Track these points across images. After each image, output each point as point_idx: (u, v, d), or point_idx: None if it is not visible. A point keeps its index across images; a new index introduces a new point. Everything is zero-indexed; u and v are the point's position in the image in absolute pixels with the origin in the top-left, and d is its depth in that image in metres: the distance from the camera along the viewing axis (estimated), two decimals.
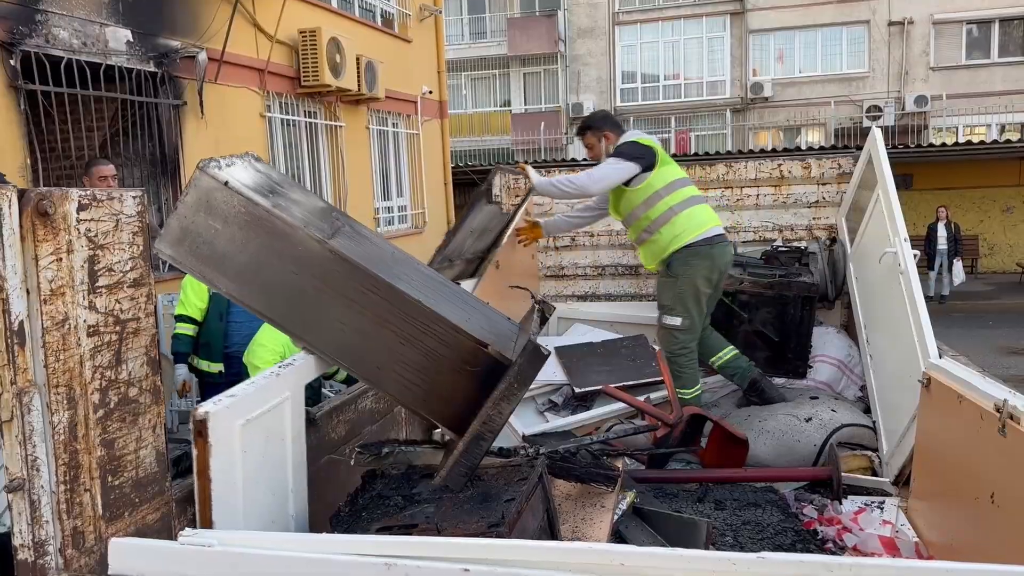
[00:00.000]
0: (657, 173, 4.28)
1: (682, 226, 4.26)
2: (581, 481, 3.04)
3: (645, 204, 4.28)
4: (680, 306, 4.23)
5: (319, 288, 2.45)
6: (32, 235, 1.61)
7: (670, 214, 4.27)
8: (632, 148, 4.27)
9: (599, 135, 4.45)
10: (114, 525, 1.80)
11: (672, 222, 4.26)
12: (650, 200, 4.27)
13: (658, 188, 4.26)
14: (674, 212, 4.26)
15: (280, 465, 2.41)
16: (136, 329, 1.90)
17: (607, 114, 4.84)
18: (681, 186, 4.36)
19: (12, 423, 1.60)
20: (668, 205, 4.27)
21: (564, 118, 27.24)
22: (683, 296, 4.24)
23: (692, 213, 4.30)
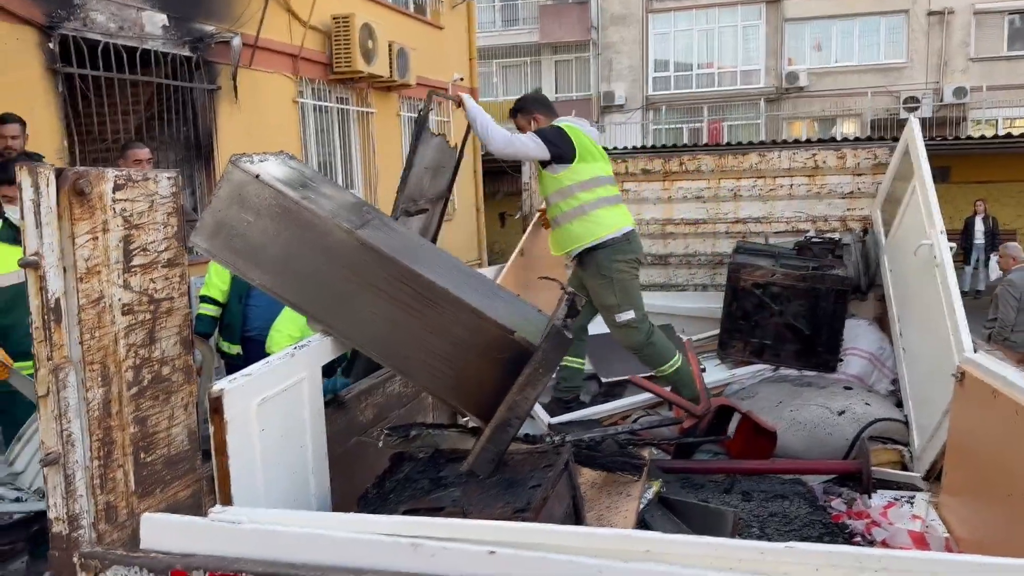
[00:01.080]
0: (575, 168, 4.19)
1: (594, 223, 4.21)
2: (607, 469, 3.04)
3: (559, 193, 4.23)
4: (626, 300, 4.20)
5: (348, 278, 2.47)
6: (69, 214, 1.63)
7: (582, 211, 4.21)
8: (554, 134, 4.20)
9: (529, 117, 4.38)
10: (146, 501, 1.83)
11: (584, 218, 4.22)
12: (564, 191, 4.22)
13: (572, 183, 4.20)
14: (585, 210, 4.21)
15: (299, 445, 2.43)
16: (170, 309, 1.92)
17: (540, 96, 4.72)
18: (599, 184, 4.28)
19: (48, 398, 1.63)
20: (581, 201, 4.21)
21: (595, 106, 27.07)
22: (624, 290, 4.21)
23: (604, 213, 4.24)
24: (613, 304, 4.18)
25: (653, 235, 5.50)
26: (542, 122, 4.33)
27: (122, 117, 7.36)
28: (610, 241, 4.17)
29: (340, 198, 2.76)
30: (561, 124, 4.28)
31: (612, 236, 4.18)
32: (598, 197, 4.22)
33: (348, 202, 2.77)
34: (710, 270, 5.40)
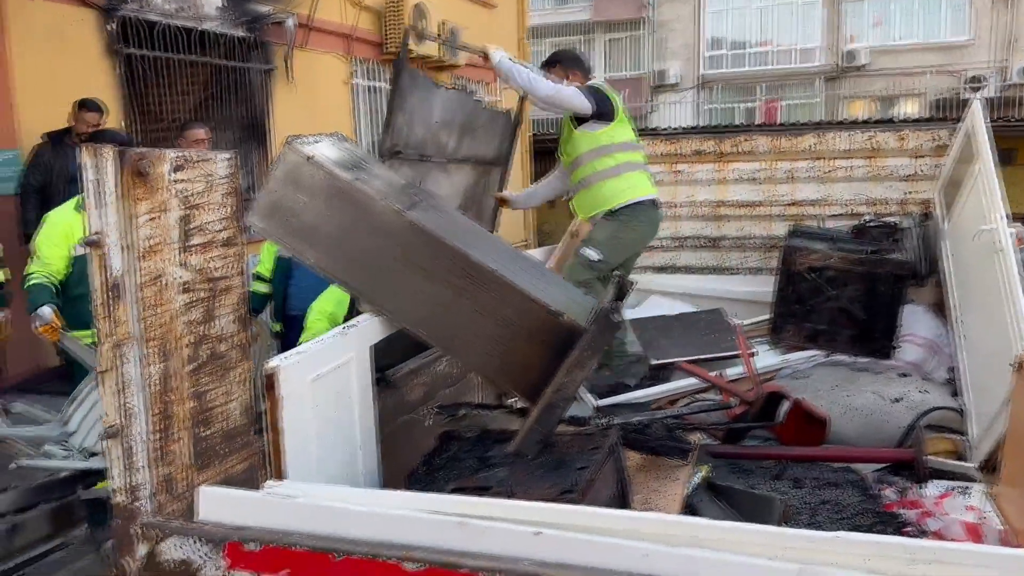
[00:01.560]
0: (613, 129, 4.17)
1: (625, 185, 4.18)
2: (654, 453, 3.04)
3: (595, 152, 4.17)
4: (604, 245, 4.13)
5: (398, 259, 2.50)
6: (130, 194, 1.68)
7: (616, 171, 4.17)
8: (596, 91, 4.16)
9: (566, 72, 4.31)
10: (203, 474, 1.89)
11: (617, 178, 4.18)
12: (600, 150, 4.16)
13: (609, 143, 4.17)
14: (620, 171, 4.17)
15: (349, 421, 2.48)
16: (227, 287, 1.97)
17: (577, 54, 4.65)
18: (631, 149, 4.26)
19: (110, 373, 1.68)
20: (617, 161, 4.18)
21: (648, 85, 26.73)
22: (612, 238, 4.15)
23: (636, 177, 4.22)
24: (595, 239, 4.15)
25: (705, 217, 5.43)
26: (577, 78, 4.29)
27: (180, 97, 7.52)
28: (638, 202, 4.16)
29: (390, 179, 2.78)
30: (597, 85, 4.25)
31: (641, 199, 4.17)
32: (632, 160, 4.21)
33: (398, 183, 2.80)
34: (763, 253, 5.32)
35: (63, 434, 3.40)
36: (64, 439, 3.41)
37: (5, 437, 3.25)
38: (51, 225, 3.69)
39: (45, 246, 3.67)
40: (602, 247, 4.09)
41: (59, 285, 3.67)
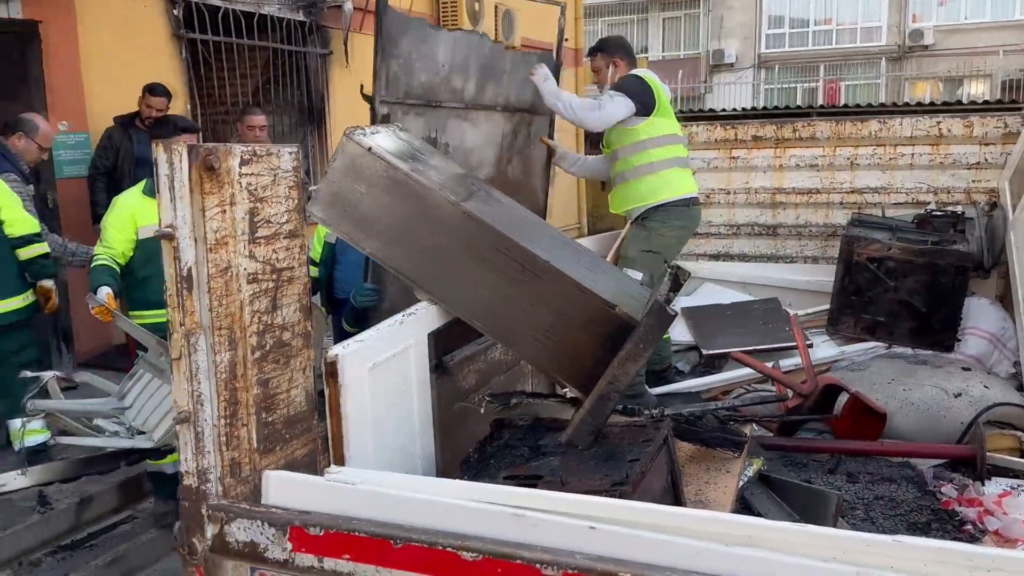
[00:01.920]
0: (652, 122, 4.06)
1: (661, 183, 4.09)
2: (707, 445, 3.03)
3: (633, 147, 4.09)
4: (645, 262, 4.05)
5: (453, 249, 2.53)
6: (200, 188, 1.74)
7: (651, 168, 4.08)
8: (635, 84, 4.05)
9: (609, 60, 4.22)
10: (267, 458, 1.95)
11: (652, 176, 4.09)
12: (637, 145, 4.08)
13: (647, 137, 4.07)
14: (655, 168, 4.08)
15: (407, 409, 2.53)
16: (291, 277, 2.02)
17: (623, 41, 4.54)
18: (672, 143, 4.15)
19: (181, 361, 1.75)
20: (652, 158, 4.08)
21: (704, 65, 26.29)
22: (652, 253, 4.07)
23: (674, 174, 4.12)
24: (630, 256, 4.09)
25: (762, 204, 5.35)
26: (621, 68, 4.22)
27: (240, 81, 7.66)
28: (672, 203, 4.08)
29: (447, 169, 2.81)
30: (640, 74, 4.17)
31: (675, 199, 4.09)
32: (671, 156, 4.13)
33: (455, 173, 2.82)
34: (822, 242, 5.22)
35: (117, 409, 3.51)
36: (118, 413, 3.52)
37: (56, 411, 3.37)
38: (117, 208, 3.79)
39: (110, 229, 3.77)
40: (641, 263, 4.04)
41: (123, 267, 3.76)
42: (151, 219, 3.69)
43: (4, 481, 3.22)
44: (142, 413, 3.44)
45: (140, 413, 3.45)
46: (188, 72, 6.78)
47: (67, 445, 3.41)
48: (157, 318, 3.72)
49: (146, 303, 3.77)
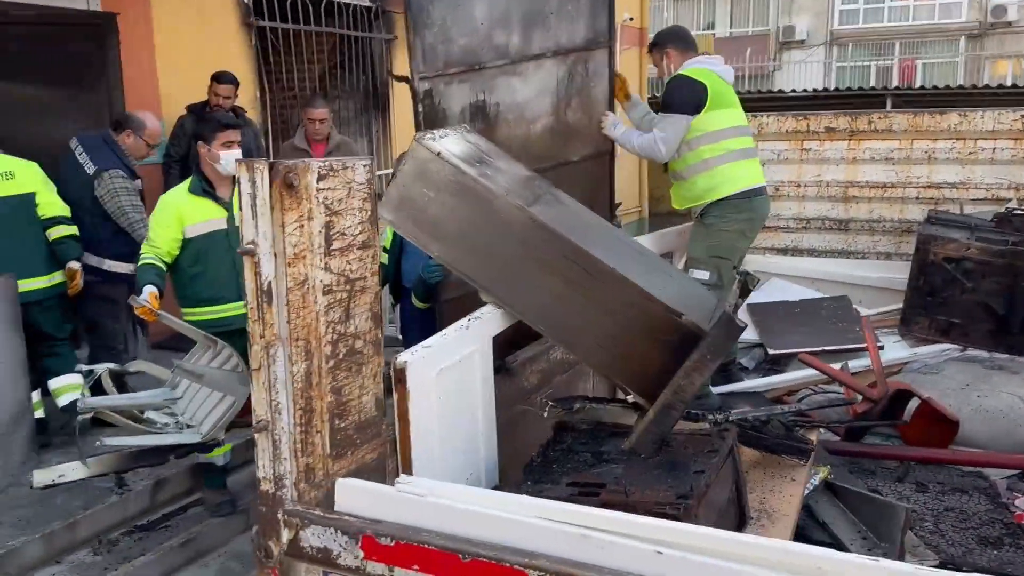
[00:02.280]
0: (702, 118, 3.94)
1: (718, 179, 3.97)
2: (772, 452, 3.00)
3: (684, 145, 3.99)
4: (711, 261, 3.93)
5: (519, 253, 2.55)
6: (280, 205, 1.78)
7: (705, 166, 3.98)
8: (678, 90, 3.95)
9: (661, 53, 4.15)
10: (339, 463, 2.01)
11: (708, 173, 3.98)
12: (689, 143, 3.97)
13: (700, 134, 3.96)
14: (709, 165, 3.97)
15: (471, 412, 2.56)
16: (363, 287, 2.06)
17: (674, 31, 4.38)
18: (730, 136, 4.01)
19: (260, 372, 1.81)
20: (704, 156, 3.97)
21: (773, 43, 25.62)
22: (717, 250, 3.95)
23: (732, 168, 3.99)
24: (695, 257, 3.99)
25: (834, 198, 5.22)
26: (673, 58, 4.12)
27: (307, 66, 7.77)
28: (733, 197, 3.98)
29: (514, 172, 2.82)
30: (688, 71, 4.04)
31: (736, 192, 3.98)
32: (725, 151, 4.00)
33: (521, 176, 2.83)
34: (895, 238, 5.08)
35: (169, 400, 3.61)
36: (170, 404, 3.62)
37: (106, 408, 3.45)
38: (163, 206, 3.79)
39: (156, 227, 3.77)
40: (707, 264, 3.96)
41: (171, 264, 3.77)
42: (198, 217, 3.74)
43: (63, 472, 3.36)
44: (191, 406, 3.54)
45: (189, 406, 3.55)
46: (257, 59, 6.91)
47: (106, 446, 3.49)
48: (207, 315, 3.78)
49: (197, 300, 3.81)
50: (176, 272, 3.80)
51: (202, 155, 3.80)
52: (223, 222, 3.80)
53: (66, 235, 4.37)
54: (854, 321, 4.52)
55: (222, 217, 3.80)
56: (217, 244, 3.77)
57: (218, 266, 3.77)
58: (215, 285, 3.78)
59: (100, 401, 3.51)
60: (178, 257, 3.77)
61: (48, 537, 3.42)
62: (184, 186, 3.83)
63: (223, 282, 3.78)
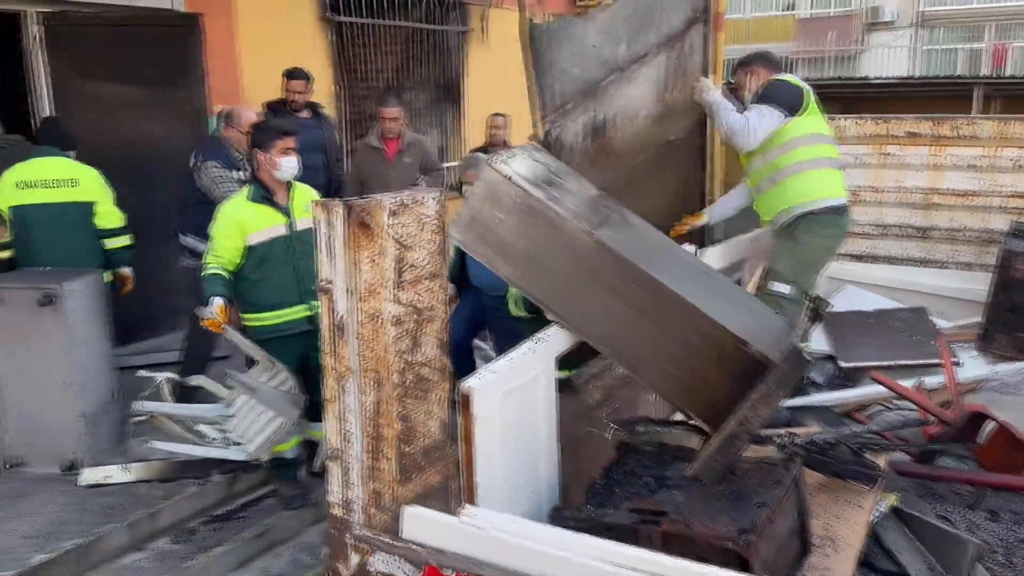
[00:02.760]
0: (799, 122, 3.88)
1: (811, 185, 3.89)
2: (839, 476, 2.96)
3: (778, 148, 3.89)
4: (795, 275, 3.88)
5: (585, 277, 2.56)
6: (354, 243, 1.84)
7: (800, 167, 3.89)
8: (778, 87, 3.90)
9: (748, 71, 4.07)
10: (405, 487, 2.08)
11: (801, 176, 3.89)
12: (784, 146, 3.88)
13: (796, 136, 3.88)
14: (803, 167, 3.88)
15: (534, 432, 2.60)
16: (431, 316, 2.12)
17: (764, 54, 4.31)
18: (820, 142, 3.95)
19: (333, 403, 1.88)
20: (800, 158, 3.88)
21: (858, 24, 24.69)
22: (801, 265, 3.90)
23: (824, 175, 3.92)
24: (778, 271, 3.94)
25: (914, 205, 5.05)
26: (761, 75, 4.07)
27: (383, 58, 7.88)
28: (821, 211, 3.91)
29: (582, 192, 2.83)
30: (783, 77, 4.02)
31: (827, 204, 3.92)
32: (819, 156, 3.95)
33: (590, 196, 2.84)
34: (978, 248, 4.90)
35: (222, 416, 3.72)
36: (222, 421, 3.74)
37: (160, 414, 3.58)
38: (224, 217, 3.83)
39: (218, 238, 3.81)
40: (790, 277, 3.90)
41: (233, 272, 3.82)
42: (259, 225, 3.80)
43: (109, 473, 3.52)
44: (243, 424, 3.65)
45: (241, 424, 3.65)
46: (335, 54, 7.03)
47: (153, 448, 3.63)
48: (268, 320, 3.86)
49: (258, 306, 3.87)
50: (239, 279, 3.85)
51: (260, 162, 3.84)
52: (283, 228, 3.85)
53: (121, 246, 4.61)
54: (931, 334, 4.39)
55: (282, 223, 3.85)
56: (278, 250, 3.83)
57: (279, 271, 3.83)
58: (277, 290, 3.84)
59: (156, 406, 3.63)
60: (240, 264, 3.83)
61: (132, 525, 3.61)
62: (243, 195, 3.88)
63: (285, 287, 3.84)
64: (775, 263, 3.99)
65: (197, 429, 3.65)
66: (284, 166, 3.81)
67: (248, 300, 3.87)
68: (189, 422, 3.65)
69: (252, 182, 3.88)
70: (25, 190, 4.36)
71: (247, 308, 3.87)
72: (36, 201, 4.34)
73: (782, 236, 4.00)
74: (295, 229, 3.86)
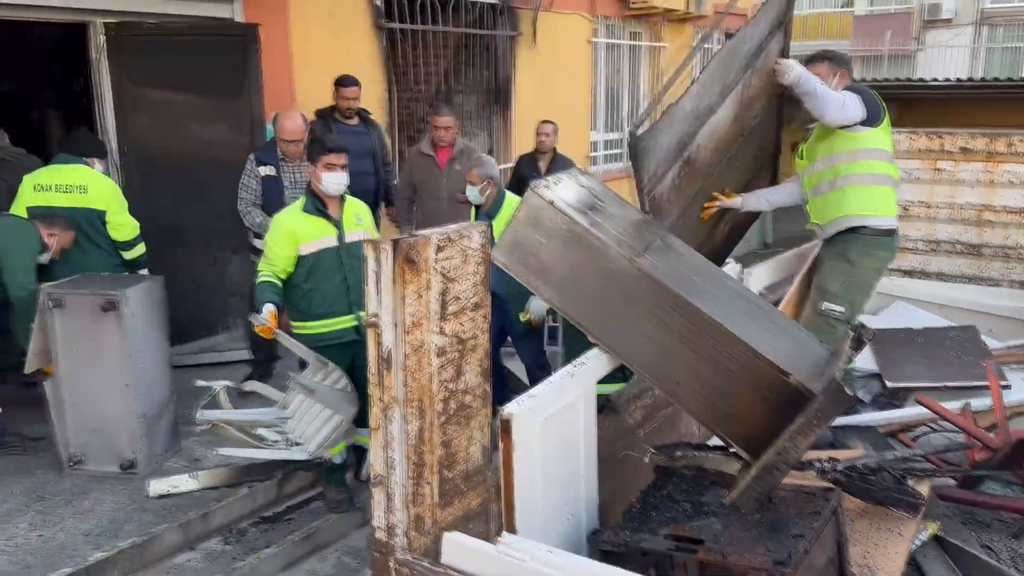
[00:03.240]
0: (876, 134, 3.86)
1: (871, 200, 3.87)
2: (879, 504, 2.95)
3: (850, 154, 3.86)
4: (847, 296, 3.88)
5: (626, 302, 2.59)
6: (401, 279, 1.91)
7: (866, 179, 3.86)
8: (866, 94, 3.87)
9: (836, 70, 3.99)
10: (446, 511, 2.14)
11: (864, 189, 3.87)
12: (857, 154, 3.85)
13: (866, 147, 3.85)
14: (869, 180, 3.87)
15: (574, 455, 2.64)
16: (474, 346, 2.18)
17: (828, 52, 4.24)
18: (887, 159, 3.92)
19: (378, 432, 1.95)
20: (865, 170, 3.86)
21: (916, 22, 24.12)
22: (854, 286, 3.90)
23: (885, 193, 3.90)
24: (831, 291, 3.93)
25: (967, 221, 4.98)
26: (845, 80, 4.02)
27: (433, 63, 7.97)
28: (880, 230, 3.89)
29: (626, 217, 2.86)
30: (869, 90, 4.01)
31: (883, 224, 3.90)
32: (883, 172, 3.92)
33: (633, 221, 2.86)
34: None
35: (280, 418, 3.83)
36: (280, 423, 3.85)
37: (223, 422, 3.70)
38: (278, 227, 3.94)
39: (272, 247, 3.92)
40: (843, 298, 3.90)
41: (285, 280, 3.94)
42: (311, 235, 3.90)
43: (176, 483, 3.65)
44: (300, 425, 3.76)
45: (299, 425, 3.76)
46: (386, 60, 7.13)
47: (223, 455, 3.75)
48: (317, 329, 3.95)
49: (308, 315, 3.97)
50: (290, 288, 3.95)
51: (312, 174, 3.98)
52: (334, 239, 3.94)
53: (139, 255, 4.81)
54: (981, 354, 4.32)
55: (333, 235, 3.95)
56: (328, 260, 3.93)
57: (329, 281, 3.93)
58: (327, 300, 3.94)
59: (218, 414, 3.75)
60: (292, 273, 3.94)
61: (185, 525, 3.75)
62: (298, 205, 3.98)
63: (334, 297, 3.94)
64: (828, 283, 3.97)
65: (257, 433, 3.78)
66: (327, 181, 3.90)
67: (299, 308, 3.98)
68: (249, 427, 3.79)
69: (307, 193, 4.00)
70: (40, 193, 4.56)
71: (297, 316, 3.98)
72: (49, 204, 4.54)
73: (835, 256, 3.97)
74: (344, 241, 3.95)
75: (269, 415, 3.85)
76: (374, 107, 7.10)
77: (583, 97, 9.59)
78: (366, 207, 4.23)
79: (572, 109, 9.25)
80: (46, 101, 9.39)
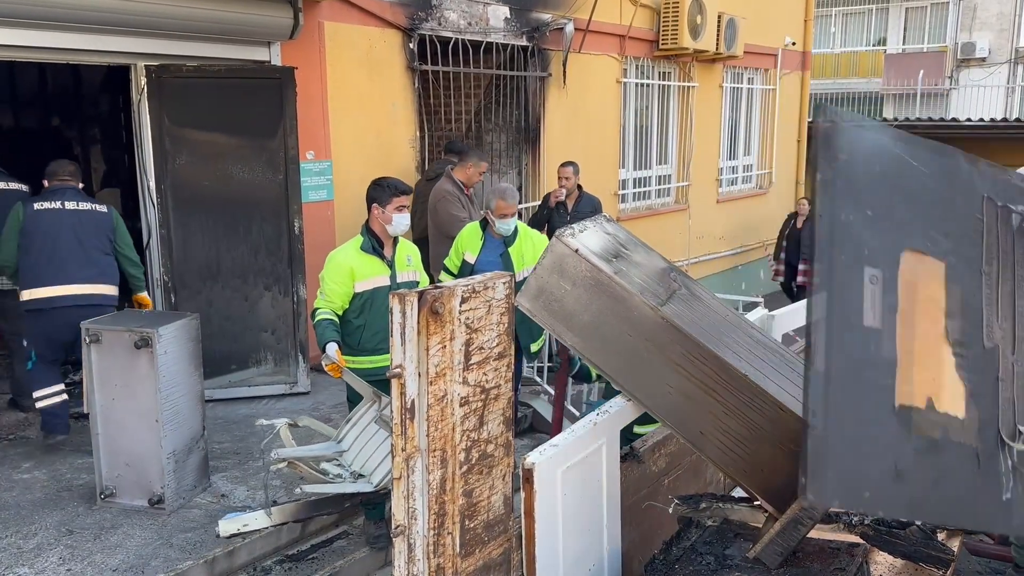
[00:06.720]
0: None
1: None
2: (908, 559, 2.90)
3: None
4: None
5: (650, 351, 2.60)
6: (426, 330, 1.94)
7: None
8: None
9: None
10: (467, 561, 2.15)
11: None
12: None
13: None
14: None
15: (596, 504, 2.64)
16: (497, 395, 2.20)
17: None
18: None
19: (400, 481, 1.97)
20: None
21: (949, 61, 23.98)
22: None
23: None
24: None
25: None
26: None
27: (464, 102, 8.10)
28: None
29: (650, 265, 2.88)
30: None
31: None
32: None
33: (657, 269, 2.89)
34: None
35: (337, 452, 3.88)
36: (338, 456, 3.89)
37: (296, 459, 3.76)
38: (335, 264, 4.09)
39: (330, 283, 4.08)
40: None
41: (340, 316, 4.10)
42: (367, 274, 4.07)
43: (247, 521, 3.70)
44: (360, 457, 3.80)
45: (358, 457, 3.80)
46: (419, 101, 7.26)
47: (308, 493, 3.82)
48: (366, 364, 4.07)
49: (360, 349, 4.12)
50: (342, 323, 4.10)
51: (374, 216, 4.11)
52: (386, 279, 4.12)
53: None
54: None
55: (386, 275, 4.12)
56: (380, 298, 4.07)
57: (380, 319, 4.05)
58: (376, 336, 4.08)
59: (292, 452, 3.83)
60: (346, 309, 4.09)
61: (210, 563, 3.78)
62: (355, 244, 4.14)
63: (384, 334, 4.02)
64: None
65: (321, 468, 3.85)
66: (397, 222, 4.08)
67: (349, 344, 4.11)
68: (312, 462, 3.86)
69: (364, 233, 4.13)
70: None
71: (347, 351, 4.11)
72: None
73: None
74: (396, 280, 4.13)
75: (328, 449, 3.93)
76: (405, 147, 7.23)
77: (612, 136, 9.65)
78: (416, 249, 4.40)
79: (601, 148, 9.32)
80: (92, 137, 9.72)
